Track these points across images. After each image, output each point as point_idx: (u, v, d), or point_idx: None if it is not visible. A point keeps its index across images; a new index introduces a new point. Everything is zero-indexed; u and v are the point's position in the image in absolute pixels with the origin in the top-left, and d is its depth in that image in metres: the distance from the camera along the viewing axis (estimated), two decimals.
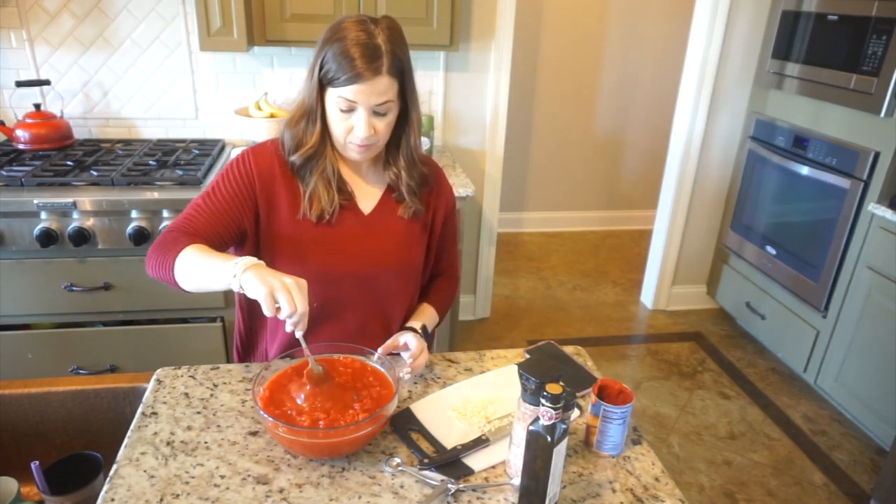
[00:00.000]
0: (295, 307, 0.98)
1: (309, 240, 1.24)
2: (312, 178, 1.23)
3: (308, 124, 1.21)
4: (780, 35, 2.80)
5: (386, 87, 1.14)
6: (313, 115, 1.20)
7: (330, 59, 1.13)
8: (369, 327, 1.32)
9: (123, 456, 1.02)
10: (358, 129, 1.16)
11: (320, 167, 1.23)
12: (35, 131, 2.34)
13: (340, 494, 0.96)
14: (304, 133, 1.22)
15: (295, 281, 1.00)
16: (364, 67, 1.11)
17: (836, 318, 2.54)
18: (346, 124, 1.17)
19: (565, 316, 3.38)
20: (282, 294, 0.97)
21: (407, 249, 1.33)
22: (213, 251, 1.11)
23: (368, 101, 1.14)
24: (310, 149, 1.21)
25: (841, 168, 2.49)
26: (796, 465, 2.37)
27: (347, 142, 1.19)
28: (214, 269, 1.05)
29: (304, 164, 1.23)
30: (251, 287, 0.98)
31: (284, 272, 1.23)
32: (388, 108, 1.17)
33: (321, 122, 1.20)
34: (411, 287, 1.39)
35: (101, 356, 2.21)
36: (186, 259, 1.09)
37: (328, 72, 1.14)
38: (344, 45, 1.12)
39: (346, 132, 1.18)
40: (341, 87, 1.13)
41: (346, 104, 1.15)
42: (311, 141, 1.21)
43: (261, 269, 1.01)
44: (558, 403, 0.86)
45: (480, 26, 2.70)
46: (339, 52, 1.12)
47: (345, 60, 1.11)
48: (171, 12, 2.43)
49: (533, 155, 4.32)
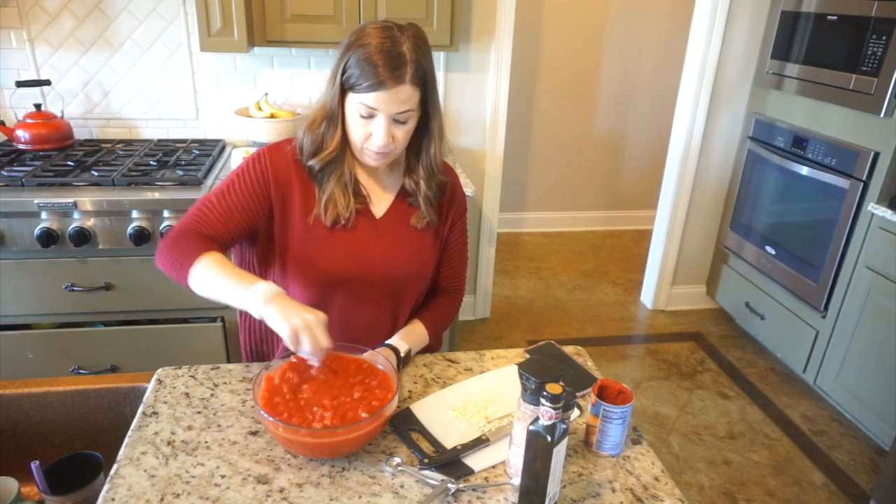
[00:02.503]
0: (319, 345, 1.00)
1: (320, 243, 1.24)
2: (330, 184, 1.22)
3: (328, 128, 1.20)
4: (779, 35, 2.80)
5: (408, 96, 1.13)
6: (334, 119, 1.19)
7: (353, 65, 1.12)
8: (376, 330, 1.32)
9: (124, 456, 1.02)
10: (377, 136, 1.16)
11: (338, 173, 1.22)
12: (35, 131, 2.34)
13: (340, 494, 0.96)
14: (324, 137, 1.21)
15: (316, 317, 1.01)
16: (387, 75, 1.10)
17: (835, 318, 2.54)
18: (366, 130, 1.17)
19: (565, 316, 3.38)
20: (305, 334, 0.99)
21: (418, 254, 1.32)
22: (230, 266, 1.10)
23: (389, 109, 1.13)
24: (330, 153, 1.20)
25: (840, 168, 2.49)
26: (796, 465, 2.37)
27: (365, 147, 1.19)
28: (234, 292, 1.06)
29: (323, 169, 1.22)
30: (275, 323, 1.00)
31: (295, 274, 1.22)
32: (408, 116, 1.16)
33: (342, 126, 1.19)
34: (420, 291, 1.38)
35: (101, 356, 2.21)
36: (203, 273, 1.09)
37: (350, 77, 1.13)
38: (367, 51, 1.11)
39: (364, 138, 1.17)
40: (363, 93, 1.12)
41: (366, 110, 1.14)
42: (331, 146, 1.20)
43: (283, 303, 1.01)
44: (558, 403, 0.86)
45: (480, 26, 2.70)
46: (363, 59, 1.11)
47: (368, 67, 1.10)
48: (172, 13, 2.43)
49: (533, 155, 4.32)
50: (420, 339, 1.34)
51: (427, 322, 1.37)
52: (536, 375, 0.92)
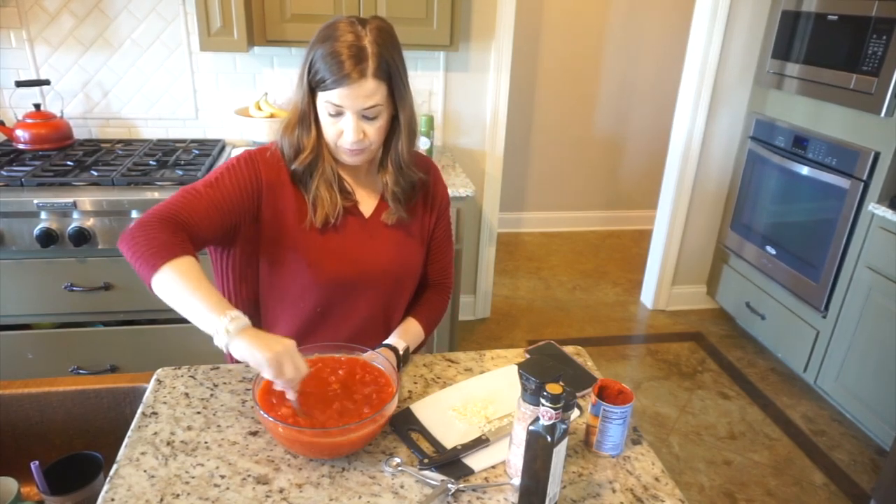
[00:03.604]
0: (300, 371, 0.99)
1: (317, 248, 1.23)
2: (314, 183, 1.21)
3: (303, 130, 1.19)
4: (779, 35, 2.80)
5: (372, 91, 1.11)
6: (307, 120, 1.18)
7: (318, 61, 1.12)
8: (370, 331, 1.32)
9: (123, 456, 1.02)
10: (347, 133, 1.15)
11: (320, 170, 1.21)
12: (35, 131, 2.34)
13: (340, 494, 0.96)
14: (300, 139, 1.20)
15: (292, 344, 1.00)
16: (349, 69, 1.08)
17: (836, 318, 2.54)
18: (337, 128, 1.16)
19: (565, 316, 3.38)
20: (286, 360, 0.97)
21: (406, 252, 1.32)
22: (203, 280, 1.03)
23: (355, 105, 1.12)
24: (308, 155, 1.19)
25: (841, 168, 2.49)
26: (796, 465, 2.37)
27: (339, 145, 1.18)
28: (202, 313, 1.01)
29: (305, 171, 1.21)
30: (251, 352, 0.97)
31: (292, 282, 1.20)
32: (377, 112, 1.14)
33: (315, 126, 1.19)
34: (413, 289, 1.38)
35: (101, 356, 2.21)
36: (171, 280, 1.03)
37: (316, 73, 1.12)
38: (331, 46, 1.10)
39: (336, 136, 1.17)
40: (328, 90, 1.11)
41: (334, 108, 1.13)
42: (307, 147, 1.19)
43: (256, 333, 0.99)
44: (558, 403, 0.86)
45: (480, 26, 2.70)
46: (326, 54, 1.10)
47: (331, 62, 1.09)
48: (171, 12, 2.43)
49: (533, 155, 4.32)
50: (416, 336, 1.34)
51: (421, 319, 1.37)
52: (536, 375, 0.92)
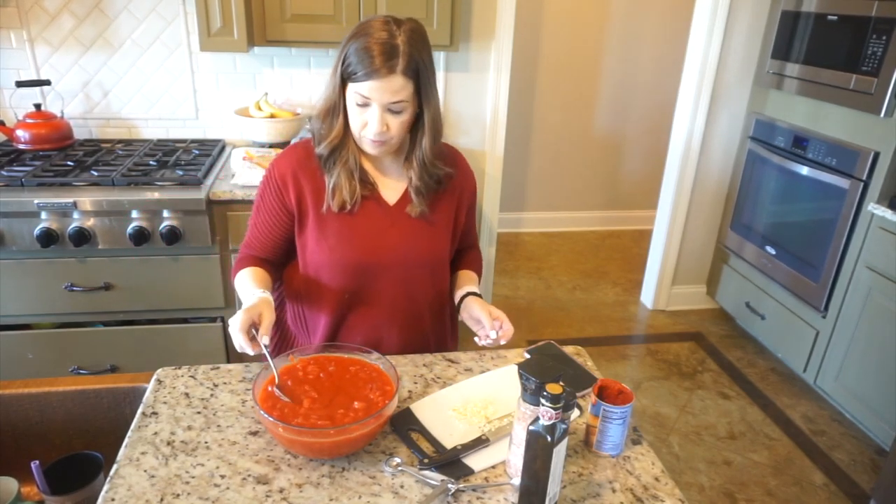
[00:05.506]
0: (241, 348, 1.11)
1: (334, 230, 1.30)
2: (336, 169, 1.28)
3: (332, 118, 1.27)
4: (779, 35, 2.80)
5: (400, 87, 1.18)
6: (336, 108, 1.26)
7: (351, 54, 1.19)
8: (397, 317, 1.37)
9: (124, 456, 1.02)
10: (371, 124, 1.21)
11: (343, 158, 1.28)
12: (35, 131, 2.34)
13: (340, 494, 0.96)
14: (329, 126, 1.27)
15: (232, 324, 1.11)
16: (380, 65, 1.15)
17: (835, 318, 2.54)
18: (362, 119, 1.23)
19: (565, 316, 3.38)
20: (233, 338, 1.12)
21: (429, 242, 1.36)
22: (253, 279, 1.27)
23: (382, 99, 1.19)
24: (334, 139, 1.27)
25: (840, 168, 2.49)
26: (796, 465, 2.37)
27: (362, 135, 1.25)
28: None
29: (330, 155, 1.28)
30: None
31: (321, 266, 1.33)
32: (402, 107, 1.21)
33: (343, 115, 1.26)
34: (438, 277, 1.41)
35: (101, 356, 2.21)
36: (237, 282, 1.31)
37: (348, 66, 1.19)
38: (365, 41, 1.17)
39: (361, 126, 1.24)
40: (358, 82, 1.19)
41: (361, 99, 1.20)
42: (334, 133, 1.27)
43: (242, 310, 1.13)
44: (558, 403, 0.86)
45: (480, 26, 2.69)
46: (360, 49, 1.18)
47: (363, 56, 1.17)
48: (172, 12, 2.43)
49: (533, 155, 4.32)
50: (476, 283, 1.46)
51: (472, 269, 1.50)
52: (536, 375, 0.92)
